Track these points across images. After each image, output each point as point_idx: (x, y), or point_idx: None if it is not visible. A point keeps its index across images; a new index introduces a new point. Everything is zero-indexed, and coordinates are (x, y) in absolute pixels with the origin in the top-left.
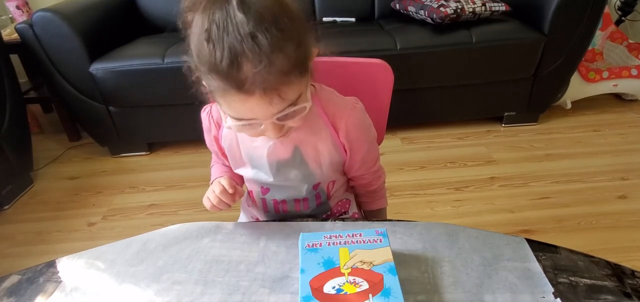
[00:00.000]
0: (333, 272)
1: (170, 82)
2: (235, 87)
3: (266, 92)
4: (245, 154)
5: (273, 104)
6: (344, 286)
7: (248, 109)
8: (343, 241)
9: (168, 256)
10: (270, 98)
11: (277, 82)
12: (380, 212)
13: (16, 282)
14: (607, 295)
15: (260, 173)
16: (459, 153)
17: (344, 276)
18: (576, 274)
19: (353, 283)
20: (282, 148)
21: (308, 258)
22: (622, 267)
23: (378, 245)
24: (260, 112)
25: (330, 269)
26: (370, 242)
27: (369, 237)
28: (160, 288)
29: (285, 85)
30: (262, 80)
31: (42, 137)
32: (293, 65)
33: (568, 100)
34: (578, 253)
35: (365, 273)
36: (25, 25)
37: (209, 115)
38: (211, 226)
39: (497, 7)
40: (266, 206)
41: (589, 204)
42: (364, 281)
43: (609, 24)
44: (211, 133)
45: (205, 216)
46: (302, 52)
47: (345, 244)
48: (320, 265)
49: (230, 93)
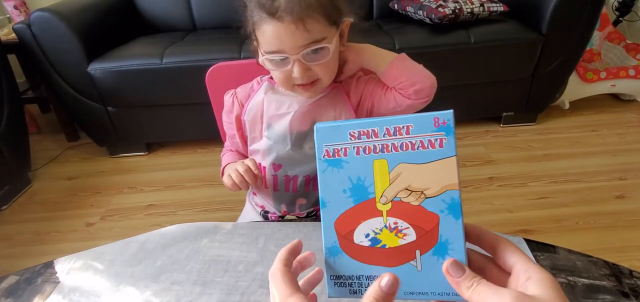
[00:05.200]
0: (366, 206)
1: (169, 82)
2: (270, 13)
3: (294, 21)
4: (266, 125)
5: (299, 34)
6: (381, 235)
7: (278, 38)
8: (380, 145)
9: (166, 256)
10: (296, 26)
11: (303, 12)
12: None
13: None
14: (605, 295)
15: (277, 144)
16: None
17: (381, 217)
18: (574, 273)
19: (394, 229)
20: (302, 120)
21: (329, 178)
22: (620, 267)
23: (437, 153)
24: (288, 41)
25: (362, 202)
26: (424, 147)
27: (423, 135)
28: (159, 288)
29: (311, 19)
30: (291, 9)
31: (40, 137)
32: (320, 5)
33: (566, 101)
34: (576, 253)
35: (413, 213)
36: (23, 25)
37: (234, 96)
38: (210, 226)
39: (496, 7)
40: (277, 183)
41: (587, 204)
42: (410, 227)
43: (606, 24)
44: (233, 113)
45: (204, 216)
46: (332, 3)
47: (384, 152)
48: (347, 193)
49: (266, 22)
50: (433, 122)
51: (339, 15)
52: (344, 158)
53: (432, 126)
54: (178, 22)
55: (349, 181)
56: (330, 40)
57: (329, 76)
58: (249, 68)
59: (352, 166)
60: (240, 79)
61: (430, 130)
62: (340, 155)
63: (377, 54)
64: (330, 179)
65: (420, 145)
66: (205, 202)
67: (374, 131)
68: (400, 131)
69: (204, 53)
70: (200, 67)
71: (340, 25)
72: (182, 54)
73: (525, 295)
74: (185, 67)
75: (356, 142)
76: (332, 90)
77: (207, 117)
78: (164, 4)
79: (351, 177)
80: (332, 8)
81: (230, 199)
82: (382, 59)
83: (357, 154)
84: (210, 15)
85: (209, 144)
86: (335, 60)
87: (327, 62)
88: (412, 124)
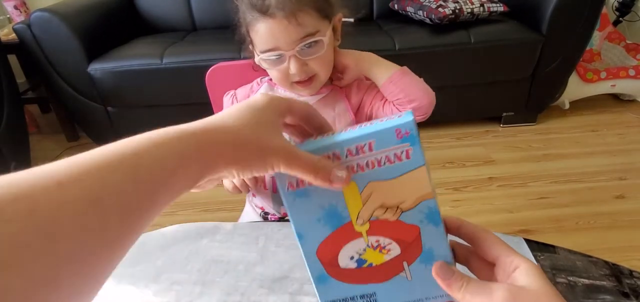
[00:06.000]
0: (344, 231)
1: (169, 82)
2: (262, 12)
3: (286, 16)
4: None
5: (292, 29)
6: (365, 254)
7: (272, 35)
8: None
9: (167, 256)
10: (289, 20)
11: (294, 7)
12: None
13: None
14: (606, 295)
15: None
16: (458, 153)
17: (361, 237)
18: (574, 274)
19: (377, 247)
20: None
21: (300, 210)
22: (620, 267)
23: (405, 165)
24: (282, 37)
25: (339, 227)
26: (391, 161)
27: (387, 150)
28: (159, 288)
29: (302, 12)
30: (282, 5)
31: (40, 137)
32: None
33: (566, 101)
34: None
35: (392, 228)
36: (23, 25)
37: (233, 97)
38: (210, 226)
39: (496, 7)
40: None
41: (587, 204)
42: (393, 242)
43: (606, 24)
44: None
45: (204, 216)
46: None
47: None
48: (322, 221)
49: (258, 21)
50: (395, 134)
51: (330, 9)
52: (310, 187)
53: (395, 138)
54: (178, 22)
55: (320, 209)
56: (323, 33)
57: (325, 71)
58: (249, 68)
59: (320, 192)
60: (240, 79)
61: (393, 143)
62: (304, 184)
63: (377, 65)
64: (301, 210)
65: (386, 160)
66: (205, 202)
67: (335, 154)
68: (363, 149)
69: (204, 53)
70: (200, 67)
71: (333, 20)
72: (182, 54)
73: (516, 286)
74: (185, 67)
75: None
76: (331, 92)
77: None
78: (164, 4)
79: (322, 204)
80: (323, 1)
81: (231, 199)
82: (382, 72)
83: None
84: (210, 15)
85: None
86: (330, 54)
87: (322, 56)
88: (374, 140)
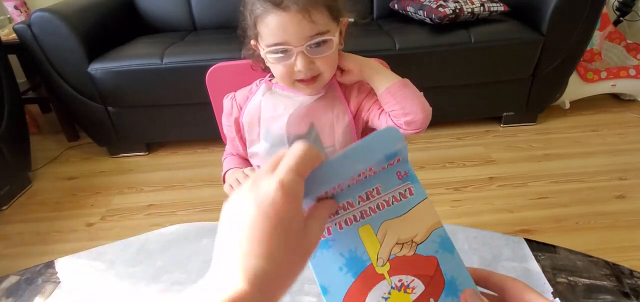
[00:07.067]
0: (367, 275)
1: (169, 82)
2: (276, 4)
3: (300, 10)
4: (264, 129)
5: (304, 24)
6: (391, 298)
7: (283, 29)
8: (359, 213)
9: (167, 256)
10: (302, 15)
11: (308, 3)
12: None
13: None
14: (606, 295)
15: (275, 147)
16: (458, 153)
17: (384, 280)
18: (575, 273)
19: (402, 287)
20: (299, 122)
21: (322, 262)
22: (620, 267)
23: (410, 201)
24: (293, 31)
25: (362, 272)
26: (397, 200)
27: (392, 191)
28: (160, 288)
29: (316, 10)
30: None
31: (40, 137)
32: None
33: (566, 101)
34: (577, 253)
35: (412, 264)
36: (24, 25)
37: (233, 99)
38: (210, 226)
39: (496, 7)
40: None
41: (588, 204)
42: (416, 279)
43: (607, 24)
44: (232, 116)
45: (204, 216)
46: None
47: (365, 217)
48: (344, 269)
49: (270, 13)
50: (396, 176)
51: (339, 12)
52: (330, 237)
53: (397, 180)
54: (178, 22)
55: (341, 257)
56: (333, 33)
57: (330, 71)
58: (249, 68)
59: (339, 241)
60: (241, 79)
61: (396, 184)
62: (325, 236)
63: (378, 73)
64: (323, 262)
65: (393, 200)
66: (205, 202)
67: (349, 203)
68: (372, 194)
69: (204, 53)
70: (200, 67)
71: (340, 23)
72: (182, 54)
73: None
74: (185, 67)
75: (336, 218)
76: (329, 91)
77: (207, 117)
78: (164, 4)
79: (342, 252)
80: (334, 2)
81: None
82: (382, 81)
83: (340, 228)
84: (210, 15)
85: (209, 144)
86: (336, 55)
87: (329, 56)
88: (380, 184)
